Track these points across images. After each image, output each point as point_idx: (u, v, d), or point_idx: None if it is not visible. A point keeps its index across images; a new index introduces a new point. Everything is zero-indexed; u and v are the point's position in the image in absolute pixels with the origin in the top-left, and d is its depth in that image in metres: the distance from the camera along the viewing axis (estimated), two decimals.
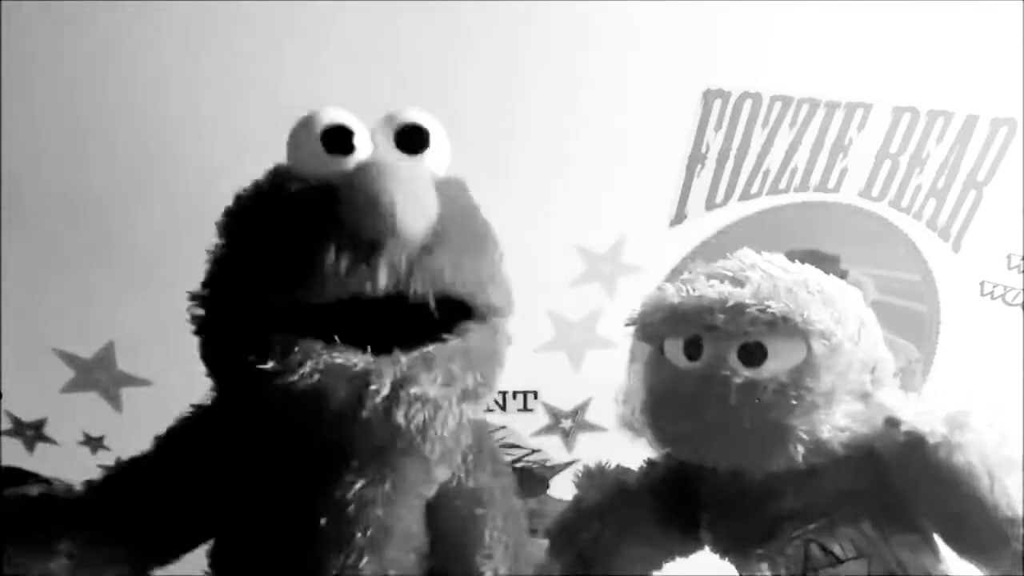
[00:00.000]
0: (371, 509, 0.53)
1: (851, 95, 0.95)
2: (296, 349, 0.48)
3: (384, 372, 0.48)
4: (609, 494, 0.63)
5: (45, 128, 0.92)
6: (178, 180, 0.93)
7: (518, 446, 1.08)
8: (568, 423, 1.07)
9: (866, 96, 0.95)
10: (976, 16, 0.91)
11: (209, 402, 0.58)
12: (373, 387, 0.48)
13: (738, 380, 0.51)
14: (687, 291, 0.54)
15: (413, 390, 0.48)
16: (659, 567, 0.65)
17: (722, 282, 0.54)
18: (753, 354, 0.51)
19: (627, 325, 0.58)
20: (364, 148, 0.50)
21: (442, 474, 0.58)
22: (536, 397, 1.06)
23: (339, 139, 0.50)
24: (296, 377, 0.47)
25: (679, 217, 0.99)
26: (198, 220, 0.56)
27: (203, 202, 0.57)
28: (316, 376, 0.47)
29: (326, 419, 0.49)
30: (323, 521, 0.53)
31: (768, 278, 0.53)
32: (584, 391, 1.05)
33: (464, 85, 0.92)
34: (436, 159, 0.54)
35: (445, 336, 0.51)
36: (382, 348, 0.49)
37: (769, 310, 0.50)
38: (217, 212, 0.55)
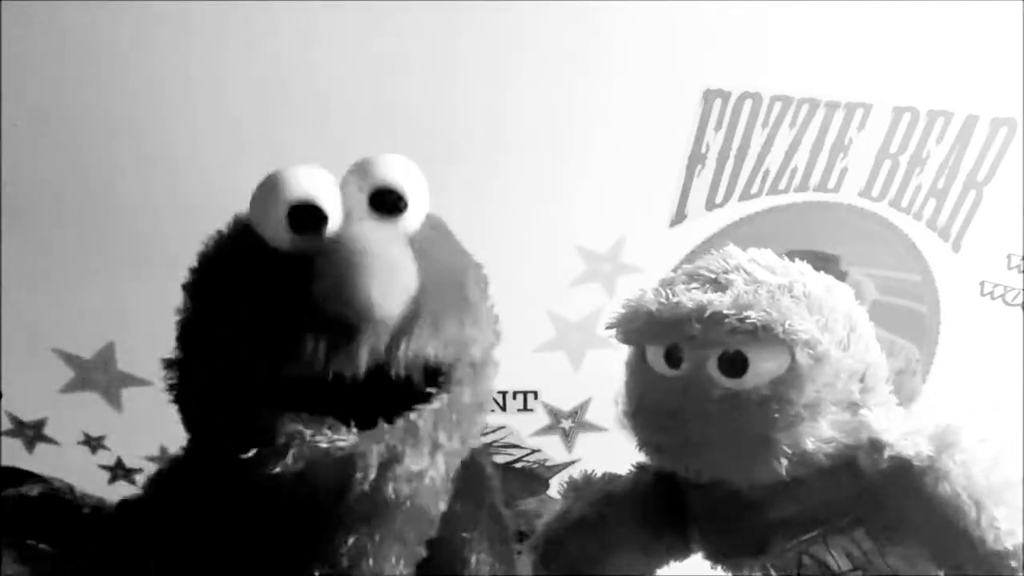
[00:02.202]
0: (363, 560, 0.52)
1: (851, 95, 0.95)
2: (278, 435, 0.46)
3: (369, 454, 0.47)
4: (595, 504, 0.62)
5: (45, 129, 0.92)
6: (178, 180, 0.93)
7: (518, 446, 1.08)
8: (568, 423, 1.07)
9: (866, 96, 0.95)
10: (976, 16, 0.91)
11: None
12: (360, 475, 0.47)
13: (718, 392, 0.49)
14: (666, 296, 0.51)
15: (399, 470, 0.48)
16: (651, 573, 0.64)
17: (703, 286, 0.52)
18: (734, 364, 0.49)
19: (607, 328, 0.56)
20: (335, 215, 0.47)
21: (441, 507, 0.57)
22: (536, 397, 1.06)
23: (307, 214, 0.46)
24: (280, 468, 0.46)
25: (679, 217, 0.99)
26: (198, 220, 0.56)
27: (203, 202, 0.57)
28: (300, 463, 0.46)
29: (314, 502, 0.49)
30: (317, 573, 0.52)
31: (751, 282, 0.51)
32: (584, 391, 1.05)
33: (463, 85, 0.92)
34: (414, 214, 0.50)
35: (430, 391, 0.50)
36: (365, 407, 0.48)
37: (748, 320, 0.48)
38: (217, 211, 0.55)
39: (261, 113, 0.89)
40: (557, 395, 1.06)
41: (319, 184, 0.47)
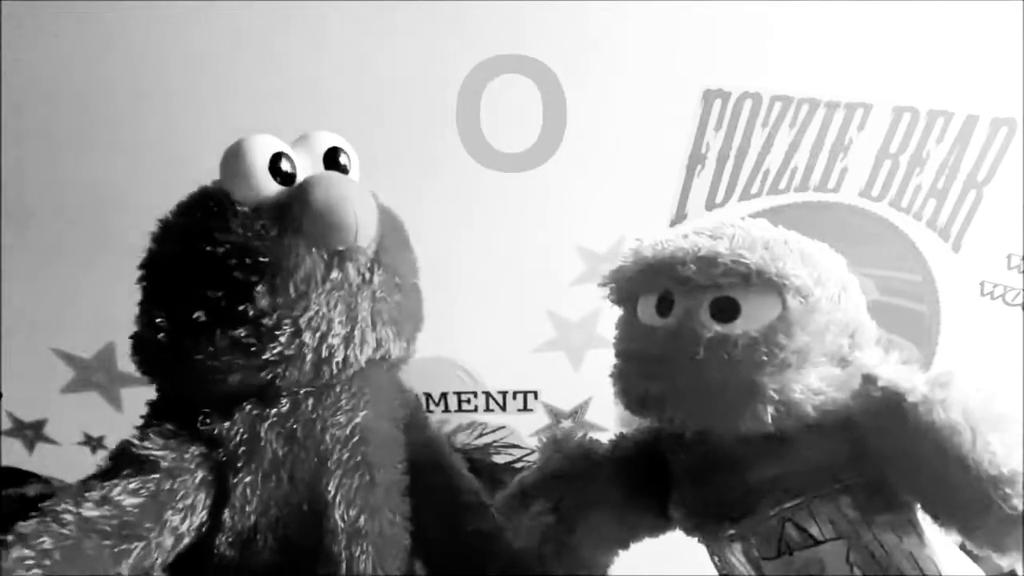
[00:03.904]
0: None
1: (851, 95, 0.95)
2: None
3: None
4: (574, 460, 0.60)
5: (45, 128, 0.92)
6: (179, 179, 0.93)
7: (518, 446, 1.08)
8: (568, 423, 1.07)
9: (866, 96, 0.95)
10: (976, 16, 0.91)
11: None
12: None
13: (708, 334, 0.48)
14: (662, 246, 0.52)
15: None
16: (625, 546, 0.62)
17: (698, 236, 0.52)
18: (725, 309, 0.49)
19: (601, 285, 0.56)
20: (301, 172, 0.52)
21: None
22: (536, 397, 1.06)
23: (285, 163, 0.52)
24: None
25: (679, 217, 0.99)
26: None
27: None
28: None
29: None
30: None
31: (746, 233, 0.51)
32: (584, 391, 1.05)
33: (463, 85, 0.92)
34: (355, 174, 0.56)
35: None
36: None
37: (742, 260, 0.48)
38: None
39: (265, 123, 0.89)
40: (557, 395, 1.06)
41: (284, 145, 0.53)
